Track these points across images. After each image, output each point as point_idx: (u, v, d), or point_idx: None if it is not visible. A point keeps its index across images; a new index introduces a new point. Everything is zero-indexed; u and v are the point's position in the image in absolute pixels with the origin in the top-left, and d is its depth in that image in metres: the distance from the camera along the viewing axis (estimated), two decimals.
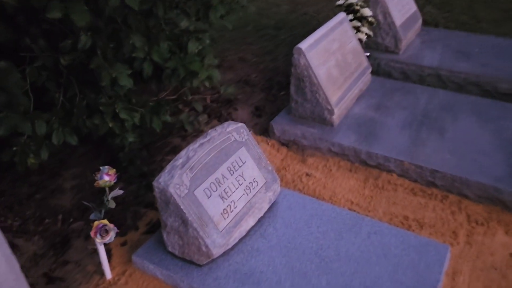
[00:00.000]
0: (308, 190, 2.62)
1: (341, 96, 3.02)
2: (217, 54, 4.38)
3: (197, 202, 1.93)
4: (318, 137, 2.88)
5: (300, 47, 2.81)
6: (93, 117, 2.07)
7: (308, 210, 2.32)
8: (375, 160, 2.74)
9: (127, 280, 2.05)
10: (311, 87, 2.89)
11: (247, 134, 2.28)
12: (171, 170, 1.93)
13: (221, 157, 2.10)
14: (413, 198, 2.55)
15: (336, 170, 2.79)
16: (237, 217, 2.06)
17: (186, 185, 1.92)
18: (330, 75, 2.98)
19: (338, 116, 3.00)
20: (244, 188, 2.15)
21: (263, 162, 2.30)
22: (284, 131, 3.00)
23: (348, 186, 2.66)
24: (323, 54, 2.97)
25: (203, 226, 1.92)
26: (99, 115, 2.08)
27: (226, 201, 2.05)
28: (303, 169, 2.80)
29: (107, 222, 1.83)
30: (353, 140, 2.83)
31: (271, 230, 2.20)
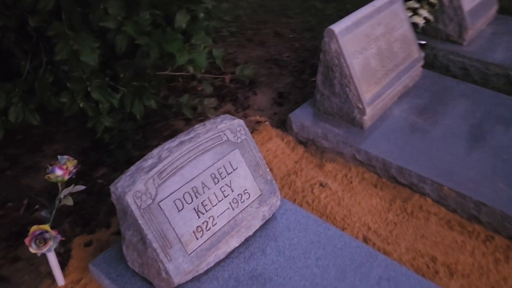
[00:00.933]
0: (318, 205, 2.17)
1: (378, 93, 2.50)
2: (252, 26, 3.91)
3: (162, 216, 1.55)
4: (342, 139, 2.40)
5: (332, 29, 2.29)
6: (61, 94, 1.72)
7: (310, 234, 1.88)
8: (407, 178, 2.23)
9: None
10: (341, 79, 2.38)
11: (245, 133, 1.84)
12: (135, 173, 1.55)
13: (204, 161, 1.70)
14: (447, 233, 2.04)
15: (357, 183, 2.31)
16: (214, 237, 1.67)
17: (151, 193, 1.54)
18: (367, 66, 2.45)
19: (371, 117, 2.48)
20: (230, 201, 1.74)
21: (261, 170, 1.87)
22: (303, 127, 2.53)
23: (369, 206, 2.18)
24: (361, 40, 2.44)
25: (165, 247, 1.54)
26: (68, 92, 1.73)
27: (203, 217, 1.65)
28: (318, 176, 2.34)
29: (48, 228, 1.50)
30: (384, 149, 2.33)
31: (258, 255, 1.79)
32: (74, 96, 1.73)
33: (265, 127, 2.64)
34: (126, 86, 1.87)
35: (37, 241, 1.46)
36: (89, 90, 1.73)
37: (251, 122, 2.70)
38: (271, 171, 2.35)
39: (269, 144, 2.53)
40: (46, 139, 2.39)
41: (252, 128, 2.65)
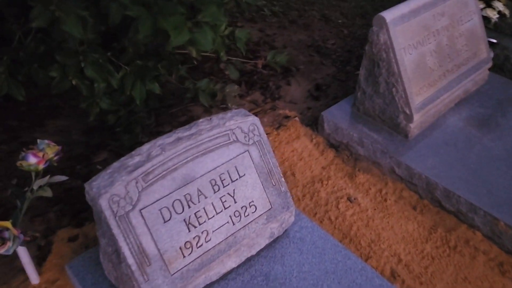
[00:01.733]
0: (342, 224, 1.84)
1: (431, 97, 2.10)
2: (297, 6, 3.54)
3: (142, 227, 1.28)
4: (381, 148, 2.03)
5: (384, 16, 1.91)
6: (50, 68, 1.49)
7: (326, 261, 1.57)
8: (454, 205, 1.85)
9: None
10: (388, 77, 2.01)
11: (259, 134, 1.54)
12: (116, 171, 1.29)
13: (204, 163, 1.41)
14: (498, 279, 1.66)
15: (393, 202, 1.95)
16: (206, 255, 1.39)
17: (132, 198, 1.27)
18: (421, 64, 2.05)
19: (419, 125, 2.10)
20: (231, 214, 1.45)
21: (274, 179, 1.56)
22: (337, 128, 2.18)
23: (403, 232, 1.82)
24: (418, 33, 2.04)
25: (143, 264, 1.28)
26: (59, 66, 1.49)
27: (194, 231, 1.38)
28: (347, 188, 2.00)
29: (10, 226, 1.28)
30: (430, 165, 1.95)
31: (259, 280, 1.50)
32: (65, 71, 1.49)
33: (294, 123, 2.32)
34: (129, 64, 1.61)
35: None
36: (83, 66, 1.48)
37: (279, 116, 2.38)
38: (293, 176, 2.04)
39: (295, 144, 2.20)
40: (51, 113, 2.19)
41: (279, 123, 2.33)
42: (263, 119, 2.35)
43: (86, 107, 1.62)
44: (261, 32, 3.11)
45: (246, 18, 3.27)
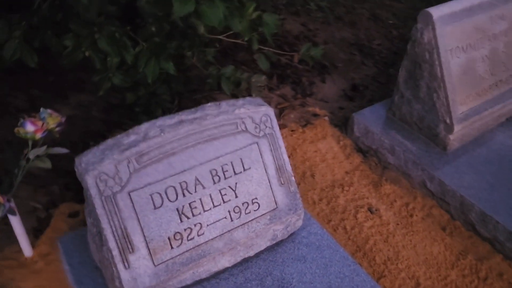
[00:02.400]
0: (358, 236, 1.68)
1: (478, 108, 1.88)
2: (347, 3, 3.36)
3: (129, 211, 1.19)
4: (414, 158, 1.84)
5: (430, 12, 1.72)
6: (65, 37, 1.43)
7: (331, 274, 1.41)
8: (491, 231, 1.63)
9: (41, 268, 1.48)
10: (430, 81, 1.81)
11: (271, 126, 1.41)
12: (108, 148, 1.21)
13: (206, 151, 1.30)
14: None
15: (420, 219, 1.76)
16: (197, 250, 1.28)
17: (121, 179, 1.19)
18: (470, 70, 1.84)
19: (460, 138, 1.88)
20: (230, 209, 1.34)
21: (284, 177, 1.42)
22: (367, 131, 2.01)
23: (427, 253, 1.63)
24: (471, 35, 1.82)
25: (125, 250, 1.19)
26: (73, 36, 1.44)
27: (187, 222, 1.27)
28: (370, 197, 1.83)
29: None
30: (467, 183, 1.74)
31: (254, 284, 1.37)
32: (80, 41, 1.44)
33: (322, 122, 2.16)
34: (147, 41, 1.53)
35: None
36: (96, 38, 1.42)
37: (307, 113, 2.23)
38: (312, 177, 1.90)
39: (320, 144, 2.05)
40: (76, 87, 2.17)
41: (306, 120, 2.18)
42: (290, 115, 2.21)
43: (98, 81, 1.56)
44: (303, 26, 2.96)
45: (290, 11, 3.13)
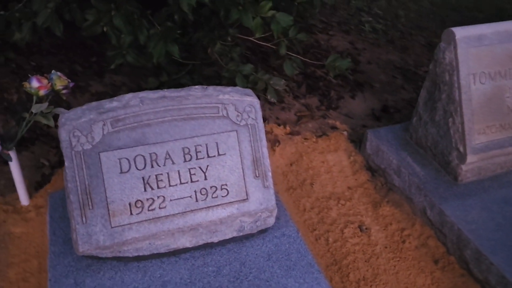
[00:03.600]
0: (338, 250, 1.61)
1: (501, 142, 1.72)
2: (404, 29, 3.27)
3: (96, 169, 1.27)
4: (418, 183, 1.73)
5: (454, 31, 1.63)
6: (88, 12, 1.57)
7: (290, 277, 1.37)
8: (483, 272, 1.48)
9: (32, 218, 1.61)
10: (447, 104, 1.70)
11: (255, 117, 1.42)
12: (88, 109, 1.30)
13: (182, 129, 1.34)
14: None
15: (413, 247, 1.64)
16: (156, 222, 1.32)
17: (94, 138, 1.26)
18: (496, 100, 1.70)
19: (477, 171, 1.74)
20: (197, 189, 1.36)
21: (259, 170, 1.42)
22: (378, 150, 1.93)
23: (408, 283, 1.52)
24: (501, 62, 1.70)
25: (85, 206, 1.26)
26: (95, 11, 1.57)
27: (150, 192, 1.32)
28: (365, 216, 1.74)
29: None
30: (471, 218, 1.59)
31: (210, 270, 1.37)
32: (99, 16, 1.57)
33: (339, 136, 2.11)
34: (162, 24, 1.62)
35: None
36: (112, 15, 1.54)
37: (326, 125, 2.19)
38: (310, 186, 1.86)
39: (329, 156, 2.00)
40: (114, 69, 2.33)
41: (323, 132, 2.14)
42: (307, 123, 2.19)
43: (112, 57, 1.68)
44: (350, 44, 2.93)
45: (342, 29, 3.12)
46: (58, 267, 1.34)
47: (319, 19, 3.19)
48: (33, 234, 1.56)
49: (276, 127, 2.13)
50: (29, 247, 1.52)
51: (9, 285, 1.40)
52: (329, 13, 3.34)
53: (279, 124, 2.15)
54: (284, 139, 2.07)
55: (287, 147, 2.03)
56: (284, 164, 1.97)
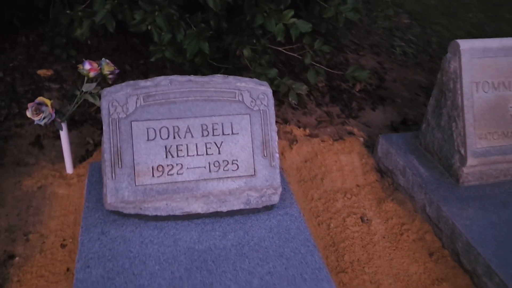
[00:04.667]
0: (337, 235, 1.74)
1: (504, 149, 1.81)
2: (434, 53, 3.39)
3: (127, 135, 1.51)
4: (420, 181, 1.84)
5: (458, 42, 1.77)
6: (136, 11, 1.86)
7: (286, 247, 1.52)
8: (472, 263, 1.56)
9: (73, 183, 1.87)
10: (451, 110, 1.83)
11: (267, 104, 1.62)
12: (127, 85, 1.55)
13: (202, 108, 1.57)
14: None
15: (411, 240, 1.74)
16: (173, 186, 1.53)
17: (128, 109, 1.51)
18: (499, 108, 1.81)
19: (478, 174, 1.83)
20: (211, 161, 1.56)
21: (267, 151, 1.61)
22: (388, 153, 2.06)
23: (401, 270, 1.62)
24: (505, 74, 1.81)
25: (115, 164, 1.50)
26: (141, 11, 1.86)
27: (171, 160, 1.54)
28: (368, 210, 1.87)
29: (49, 104, 1.65)
30: (467, 215, 1.68)
31: (216, 234, 1.55)
32: (145, 16, 1.85)
33: (354, 140, 2.26)
34: (196, 26, 1.89)
35: (33, 108, 1.63)
36: (155, 15, 1.82)
37: (344, 131, 2.35)
38: (321, 180, 2.02)
39: (342, 157, 2.16)
40: (158, 70, 2.63)
41: (340, 136, 2.30)
42: (326, 128, 2.36)
43: (153, 52, 1.96)
44: (379, 64, 3.09)
45: (373, 51, 3.29)
46: (89, 218, 1.57)
47: (352, 41, 3.38)
48: (73, 196, 1.82)
49: (296, 128, 2.32)
50: (68, 206, 1.77)
51: (49, 232, 1.65)
52: (362, 37, 3.53)
53: (299, 127, 2.34)
54: (302, 139, 2.25)
55: (304, 146, 2.20)
56: (299, 160, 2.14)
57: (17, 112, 2.18)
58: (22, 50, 2.56)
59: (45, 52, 2.55)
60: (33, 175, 1.88)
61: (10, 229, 1.64)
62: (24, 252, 1.56)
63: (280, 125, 2.32)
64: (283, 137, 2.25)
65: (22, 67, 2.45)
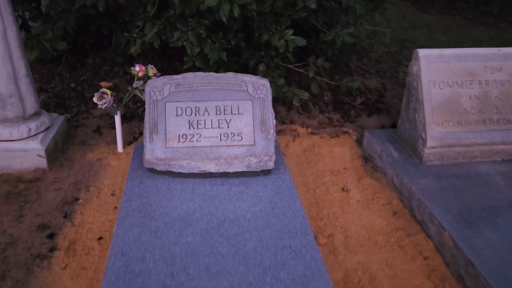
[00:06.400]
0: (320, 196, 2.21)
1: (459, 135, 2.24)
2: None
3: (161, 111, 2.10)
4: (391, 160, 2.29)
5: (418, 51, 2.27)
6: (174, 32, 2.51)
7: (275, 196, 2.01)
8: (421, 214, 1.98)
9: (123, 158, 2.47)
10: (415, 104, 2.30)
11: (265, 93, 2.17)
12: (164, 78, 2.16)
13: (217, 94, 2.15)
14: (424, 282, 1.74)
15: (380, 205, 2.18)
16: (193, 149, 2.08)
17: (163, 93, 2.12)
18: (453, 102, 2.25)
19: (439, 155, 2.25)
20: (222, 133, 2.11)
21: (265, 127, 2.14)
22: (370, 143, 2.52)
23: (367, 221, 2.05)
24: (457, 75, 2.27)
25: (152, 132, 2.08)
26: (179, 32, 2.50)
27: (192, 130, 2.10)
28: (349, 183, 2.33)
29: (109, 93, 2.29)
30: (423, 183, 2.11)
31: (224, 188, 2.07)
32: (181, 35, 2.49)
33: (348, 138, 2.75)
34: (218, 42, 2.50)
35: (98, 96, 2.27)
36: (188, 34, 2.45)
37: (340, 131, 2.84)
38: (315, 164, 2.50)
39: (336, 148, 2.64)
40: None
41: (335, 133, 2.79)
42: (326, 129, 2.86)
43: (186, 61, 2.58)
44: (381, 85, 3.58)
45: (378, 75, 3.79)
46: (132, 174, 2.14)
47: (361, 67, 3.92)
48: (122, 166, 2.41)
49: (300, 128, 2.84)
50: (118, 172, 2.36)
51: (103, 186, 2.23)
52: (371, 65, 4.05)
53: (303, 126, 2.86)
54: (304, 135, 2.76)
55: (304, 140, 2.71)
56: (299, 150, 2.64)
57: (84, 110, 2.87)
58: (90, 68, 3.30)
59: (107, 70, 3.27)
60: (94, 151, 2.51)
61: (76, 183, 2.24)
62: (85, 197, 2.15)
63: (287, 125, 2.86)
64: (288, 133, 2.78)
65: (89, 80, 3.17)
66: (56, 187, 2.19)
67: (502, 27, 5.91)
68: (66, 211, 2.04)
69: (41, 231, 1.90)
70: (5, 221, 1.94)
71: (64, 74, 3.24)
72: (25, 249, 1.80)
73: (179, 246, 1.71)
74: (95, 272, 1.72)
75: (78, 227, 1.95)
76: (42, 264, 1.74)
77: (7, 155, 2.20)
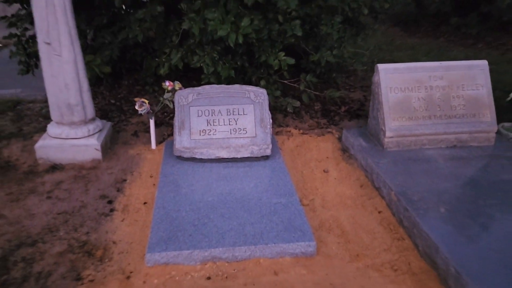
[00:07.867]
0: (306, 176, 2.92)
1: (409, 127, 2.96)
2: None
3: (187, 113, 2.86)
4: (361, 148, 3.01)
5: (378, 65, 3.02)
6: (193, 56, 3.30)
7: (271, 173, 2.74)
8: (379, 182, 2.68)
9: (156, 154, 3.22)
10: (378, 105, 3.03)
11: (263, 99, 2.93)
12: (189, 89, 2.94)
13: (227, 100, 2.91)
14: (380, 230, 2.44)
15: (352, 181, 2.88)
16: (210, 140, 2.83)
17: (188, 100, 2.89)
18: (405, 102, 2.98)
19: (396, 144, 2.97)
20: (231, 129, 2.87)
21: (263, 124, 2.89)
22: (347, 138, 3.25)
23: (340, 190, 2.76)
24: (409, 82, 3.01)
25: (180, 128, 2.84)
26: (197, 56, 3.29)
27: (210, 126, 2.86)
28: (330, 167, 3.04)
29: (146, 102, 3.06)
30: (383, 164, 2.81)
31: (233, 168, 2.81)
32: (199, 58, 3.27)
33: (331, 136, 3.48)
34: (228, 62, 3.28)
35: (139, 104, 3.04)
36: (204, 57, 3.23)
37: (325, 131, 3.57)
38: (303, 155, 3.23)
39: (321, 144, 3.37)
40: None
41: (322, 133, 3.53)
42: (314, 130, 3.59)
43: (202, 79, 3.36)
44: (363, 97, 4.32)
45: (362, 90, 4.53)
46: (166, 160, 2.89)
47: (348, 83, 4.68)
48: (156, 158, 3.16)
49: (293, 129, 3.58)
50: (153, 162, 3.11)
51: (143, 171, 2.98)
52: (357, 81, 4.81)
53: (296, 129, 3.59)
54: (296, 135, 3.50)
55: (297, 138, 3.44)
56: (293, 146, 3.37)
57: (124, 119, 3.65)
58: (125, 88, 4.11)
59: (139, 89, 4.07)
60: (134, 148, 3.27)
61: (123, 169, 2.99)
62: (131, 178, 2.90)
63: (283, 128, 3.60)
64: (284, 134, 3.51)
65: (126, 97, 3.97)
66: (109, 172, 2.94)
67: (479, 46, 6.65)
68: (118, 187, 2.79)
69: (102, 199, 2.65)
70: (76, 193, 2.69)
71: (105, 93, 4.05)
72: (93, 210, 2.54)
73: (202, 203, 2.44)
74: (144, 223, 2.44)
75: (129, 196, 2.69)
76: (106, 219, 2.47)
77: (73, 149, 2.97)
